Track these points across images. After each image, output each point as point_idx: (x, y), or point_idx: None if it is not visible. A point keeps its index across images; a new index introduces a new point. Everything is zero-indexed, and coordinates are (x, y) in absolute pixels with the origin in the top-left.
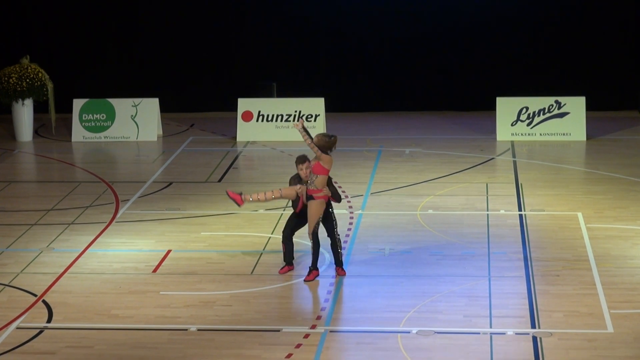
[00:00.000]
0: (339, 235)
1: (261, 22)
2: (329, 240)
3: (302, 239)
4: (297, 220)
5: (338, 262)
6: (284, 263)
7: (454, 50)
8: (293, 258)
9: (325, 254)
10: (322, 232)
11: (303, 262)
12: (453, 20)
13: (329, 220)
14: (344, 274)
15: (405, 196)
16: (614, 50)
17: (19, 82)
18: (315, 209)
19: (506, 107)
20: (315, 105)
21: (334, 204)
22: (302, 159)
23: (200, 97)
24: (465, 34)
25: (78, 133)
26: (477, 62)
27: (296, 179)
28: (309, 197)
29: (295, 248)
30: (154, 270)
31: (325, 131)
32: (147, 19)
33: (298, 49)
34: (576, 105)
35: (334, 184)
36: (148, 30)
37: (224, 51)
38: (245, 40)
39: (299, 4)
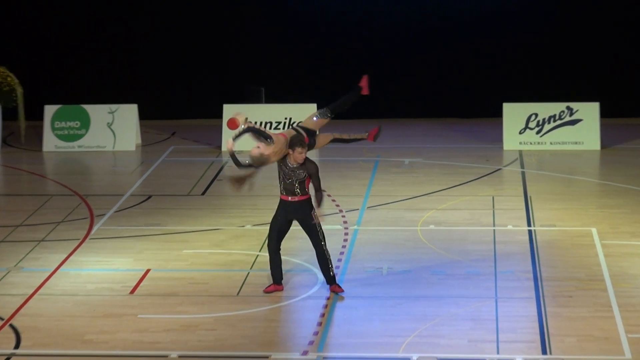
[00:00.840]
0: (324, 243)
1: (249, 21)
2: (313, 255)
3: (291, 256)
4: (280, 228)
5: (330, 279)
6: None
7: (456, 51)
8: (282, 277)
9: (317, 273)
10: (305, 246)
11: (291, 281)
12: (454, 20)
13: (310, 225)
14: (342, 291)
15: (404, 210)
16: (631, 52)
17: None
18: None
19: (514, 113)
20: (308, 111)
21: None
22: (303, 142)
23: (182, 103)
24: (468, 34)
25: (50, 142)
26: (481, 64)
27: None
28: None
29: (285, 267)
30: (132, 292)
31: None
32: (125, 19)
33: (289, 51)
34: (589, 111)
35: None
36: (126, 31)
37: (209, 54)
38: (232, 42)
39: (289, 4)
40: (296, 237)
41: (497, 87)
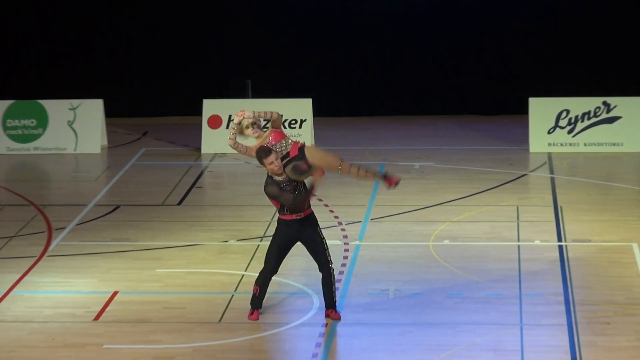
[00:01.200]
0: (332, 265)
1: (233, 4)
2: (316, 276)
3: (282, 275)
4: (281, 253)
5: (331, 304)
6: (251, 307)
7: (474, 39)
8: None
9: (313, 295)
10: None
11: (282, 305)
12: (472, 2)
13: (318, 244)
14: (339, 318)
15: (414, 223)
16: None
17: None
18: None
19: (541, 110)
20: (301, 107)
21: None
22: (267, 152)
23: (155, 98)
24: (487, 16)
25: (1, 143)
26: (504, 53)
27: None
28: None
29: (274, 288)
30: (96, 318)
31: (313, 140)
32: (90, 2)
33: (278, 39)
34: (629, 107)
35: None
36: (90, 14)
37: (186, 41)
38: (213, 28)
39: None
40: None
41: (522, 80)
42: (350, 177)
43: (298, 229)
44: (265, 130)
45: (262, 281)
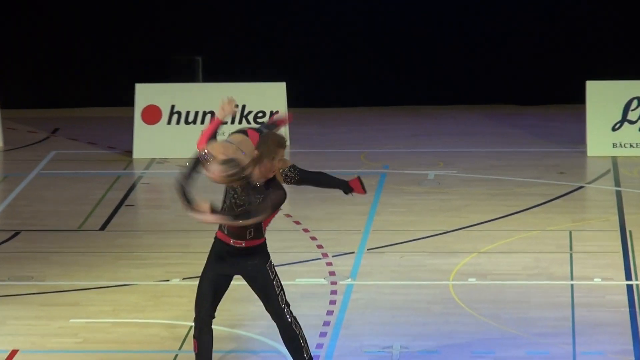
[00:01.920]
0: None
1: None
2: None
3: (241, 327)
4: (216, 287)
5: None
6: None
7: (510, 3)
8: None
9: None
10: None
11: None
12: None
13: (268, 289)
14: None
15: (427, 254)
16: None
17: None
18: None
19: (603, 97)
20: (271, 94)
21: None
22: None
23: (69, 84)
24: None
25: None
26: (550, 19)
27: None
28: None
29: (229, 345)
30: None
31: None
32: None
33: (240, 3)
34: None
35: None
36: None
37: (111, 5)
38: None
39: None
40: (250, 299)
41: (577, 56)
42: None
43: (234, 260)
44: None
45: (199, 329)
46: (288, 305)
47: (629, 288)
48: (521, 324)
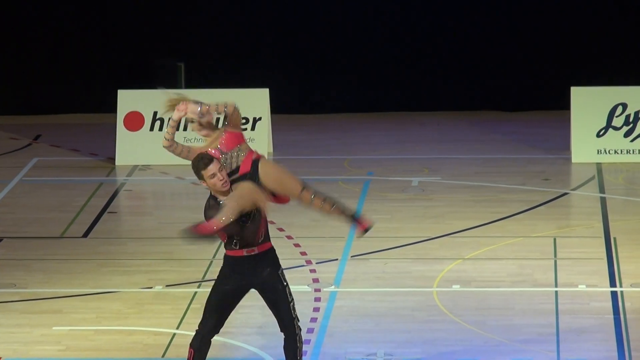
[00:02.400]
0: (299, 323)
1: None
2: (278, 335)
3: (227, 335)
4: (225, 303)
5: None
6: None
7: (494, 9)
8: None
9: None
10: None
11: None
12: None
13: (279, 293)
14: None
15: (411, 261)
16: None
17: None
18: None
19: (588, 103)
20: (254, 101)
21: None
22: (206, 161)
23: (52, 90)
24: None
25: None
26: (536, 25)
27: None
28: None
29: (219, 353)
30: None
31: (271, 147)
32: None
33: (221, 7)
34: None
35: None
36: None
37: (94, 11)
38: None
39: None
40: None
41: (561, 63)
42: (312, 209)
43: (250, 270)
44: (218, 129)
45: (199, 343)
46: (297, 316)
47: (614, 295)
48: (505, 331)
